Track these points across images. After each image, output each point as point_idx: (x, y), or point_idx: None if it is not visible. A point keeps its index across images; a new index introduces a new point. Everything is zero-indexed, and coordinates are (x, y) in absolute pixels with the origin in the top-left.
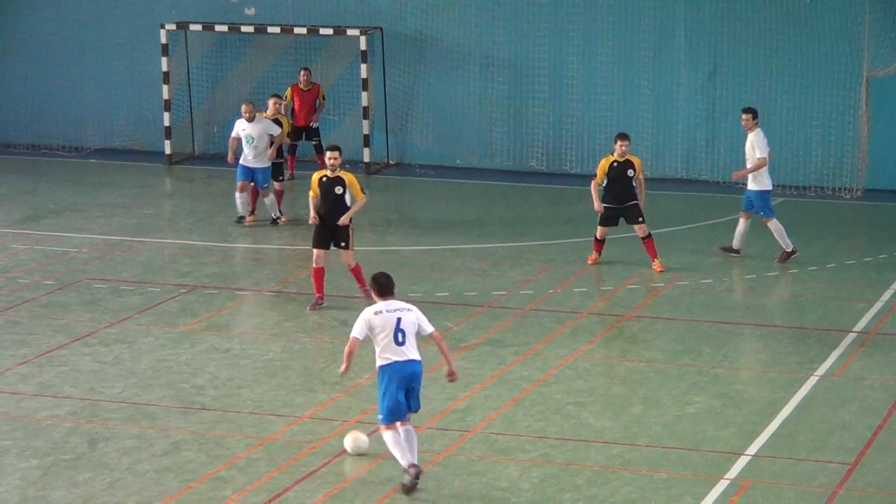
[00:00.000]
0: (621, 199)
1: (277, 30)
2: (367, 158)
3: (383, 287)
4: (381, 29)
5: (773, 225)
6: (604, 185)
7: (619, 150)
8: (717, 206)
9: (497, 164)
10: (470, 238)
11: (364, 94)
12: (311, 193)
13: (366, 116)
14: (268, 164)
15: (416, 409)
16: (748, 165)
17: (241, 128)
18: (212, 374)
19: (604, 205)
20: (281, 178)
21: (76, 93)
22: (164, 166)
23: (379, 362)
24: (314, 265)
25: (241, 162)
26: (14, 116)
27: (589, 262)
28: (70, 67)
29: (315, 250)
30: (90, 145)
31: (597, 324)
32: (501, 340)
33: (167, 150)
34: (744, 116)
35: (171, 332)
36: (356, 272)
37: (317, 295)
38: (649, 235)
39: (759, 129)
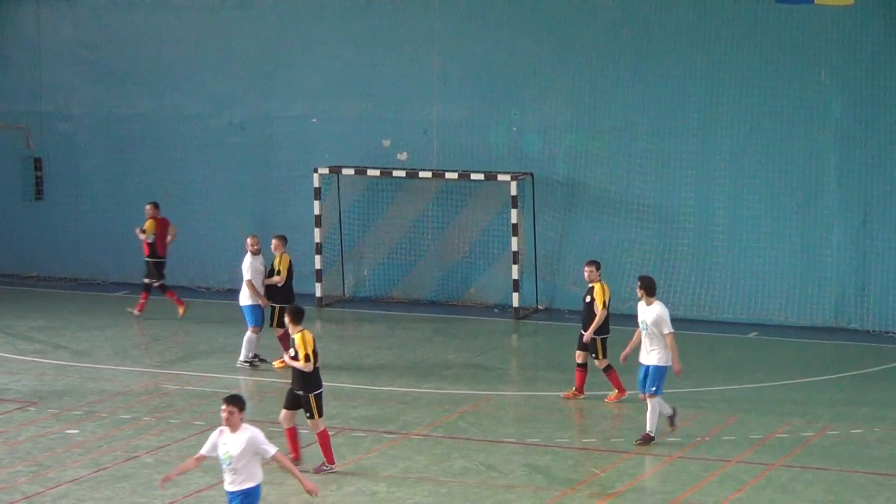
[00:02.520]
0: (583, 325)
1: (429, 174)
2: (515, 303)
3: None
4: (532, 174)
5: (655, 403)
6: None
7: (585, 276)
8: (868, 356)
9: None
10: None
11: (514, 239)
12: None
13: (515, 261)
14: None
15: None
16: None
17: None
18: None
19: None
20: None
21: (233, 235)
22: (315, 308)
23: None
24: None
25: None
26: (173, 259)
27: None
28: (226, 211)
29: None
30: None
31: (745, 472)
32: (648, 488)
33: (318, 293)
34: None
35: (319, 474)
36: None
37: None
38: (584, 365)
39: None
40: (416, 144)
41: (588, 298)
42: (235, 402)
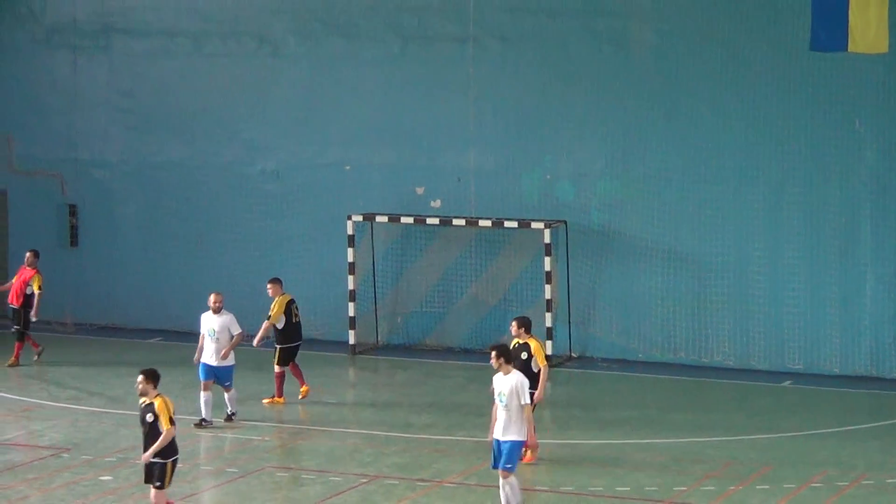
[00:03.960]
0: None
1: (462, 222)
2: (549, 351)
3: None
4: (566, 222)
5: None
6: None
7: (513, 332)
8: None
9: (680, 359)
10: (651, 432)
11: (547, 287)
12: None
13: (549, 309)
14: (230, 362)
15: None
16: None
17: (206, 321)
18: None
19: None
20: None
21: (262, 282)
22: (348, 356)
23: None
24: None
25: (203, 360)
26: (198, 305)
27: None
28: (252, 257)
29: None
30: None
31: None
32: None
33: (351, 340)
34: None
35: None
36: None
37: None
38: None
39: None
40: (450, 191)
41: (524, 355)
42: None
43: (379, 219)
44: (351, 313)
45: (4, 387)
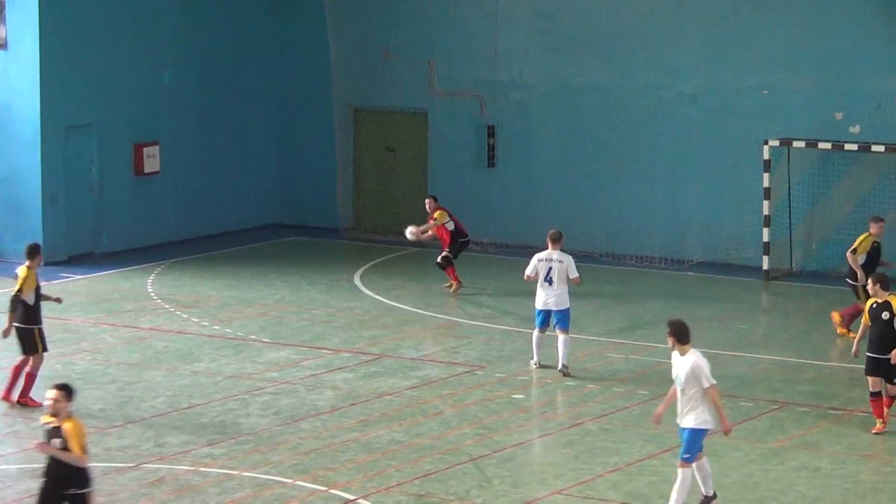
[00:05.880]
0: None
1: (881, 149)
2: None
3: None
4: None
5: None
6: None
7: (870, 290)
8: None
9: None
10: None
11: None
12: None
13: None
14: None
15: None
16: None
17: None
18: (800, 492)
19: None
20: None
21: (679, 205)
22: (762, 282)
23: None
24: None
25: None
26: (620, 226)
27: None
28: (673, 180)
29: None
30: (690, 258)
31: None
32: None
33: (765, 266)
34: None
35: (762, 447)
36: None
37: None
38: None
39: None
40: (869, 117)
41: (885, 315)
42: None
43: (796, 144)
44: (765, 239)
45: (422, 304)
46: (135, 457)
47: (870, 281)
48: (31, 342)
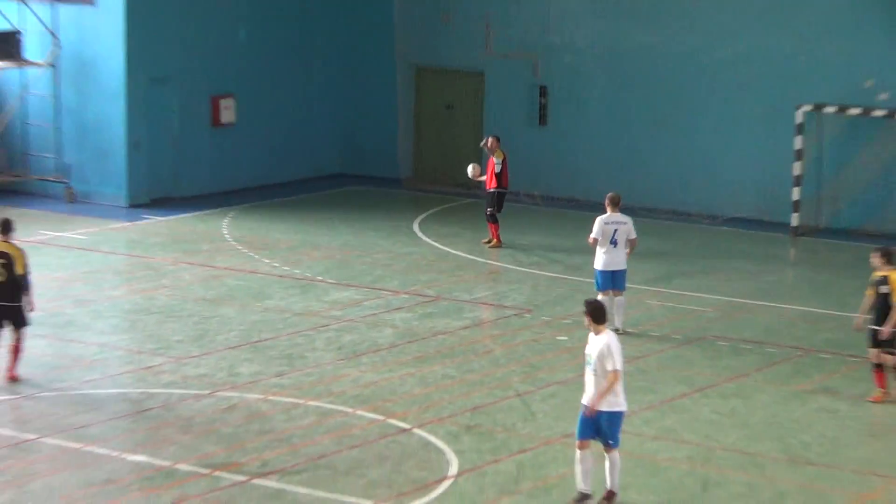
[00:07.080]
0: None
1: None
2: None
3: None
4: None
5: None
6: None
7: (875, 263)
8: None
9: None
10: None
11: None
12: None
13: None
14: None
15: None
16: None
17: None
18: (819, 432)
19: None
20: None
21: (714, 164)
22: (790, 237)
23: None
24: None
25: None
26: (659, 183)
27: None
28: (710, 141)
29: None
30: (723, 214)
31: None
32: None
33: (794, 223)
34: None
35: (785, 390)
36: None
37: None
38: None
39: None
40: None
41: (884, 288)
42: None
43: (827, 109)
44: (795, 197)
45: (475, 251)
46: (210, 385)
47: (873, 253)
48: (22, 317)
